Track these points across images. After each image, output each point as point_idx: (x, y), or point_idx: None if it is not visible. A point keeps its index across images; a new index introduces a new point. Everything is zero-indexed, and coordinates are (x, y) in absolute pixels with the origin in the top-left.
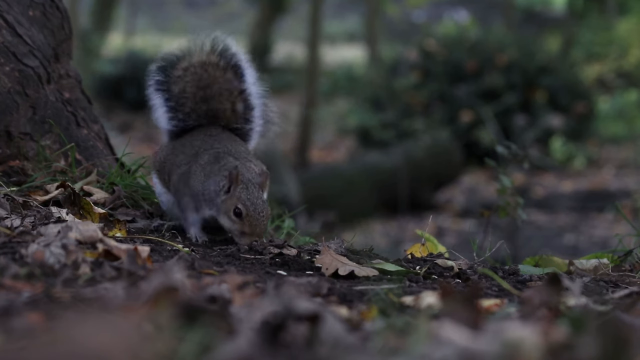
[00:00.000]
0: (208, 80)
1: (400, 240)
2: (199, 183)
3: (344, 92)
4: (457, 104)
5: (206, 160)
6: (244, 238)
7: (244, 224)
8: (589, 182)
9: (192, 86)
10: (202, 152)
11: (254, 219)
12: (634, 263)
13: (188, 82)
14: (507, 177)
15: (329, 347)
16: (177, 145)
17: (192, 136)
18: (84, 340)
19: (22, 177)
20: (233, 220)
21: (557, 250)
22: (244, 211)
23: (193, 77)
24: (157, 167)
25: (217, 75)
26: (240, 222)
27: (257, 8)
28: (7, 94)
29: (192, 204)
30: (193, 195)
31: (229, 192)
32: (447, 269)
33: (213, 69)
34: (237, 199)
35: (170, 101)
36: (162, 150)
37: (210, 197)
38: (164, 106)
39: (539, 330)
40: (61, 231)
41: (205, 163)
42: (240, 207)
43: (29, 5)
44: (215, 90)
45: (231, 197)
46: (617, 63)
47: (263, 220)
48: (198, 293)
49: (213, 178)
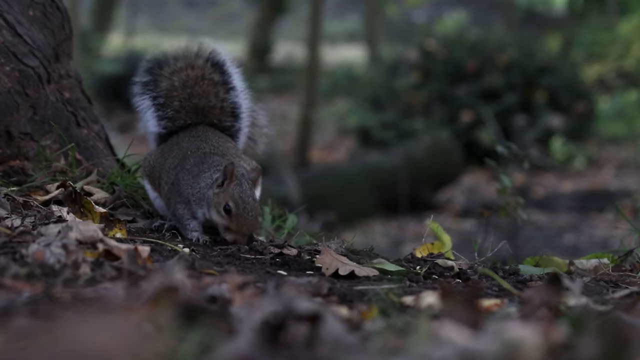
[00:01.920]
0: (194, 80)
1: (400, 240)
2: (188, 187)
3: (344, 92)
4: (457, 104)
5: (192, 163)
6: (229, 234)
7: (231, 221)
8: (589, 182)
9: (179, 84)
10: (188, 155)
11: (242, 217)
12: (634, 263)
13: (175, 80)
14: (507, 177)
15: (329, 347)
16: (165, 149)
17: (178, 137)
18: (84, 340)
19: (22, 177)
20: (222, 216)
21: (557, 250)
22: (233, 209)
23: (179, 76)
24: (147, 172)
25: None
26: (227, 219)
27: (257, 8)
28: (7, 94)
29: (187, 211)
30: (186, 202)
31: (222, 187)
32: (448, 269)
33: (199, 70)
34: (230, 195)
35: (159, 99)
36: (151, 155)
37: (200, 195)
38: (152, 106)
39: (539, 330)
40: (61, 231)
41: (191, 166)
42: (230, 204)
43: (29, 5)
44: (202, 87)
45: (224, 192)
46: (617, 63)
47: (251, 220)
48: (198, 293)
49: (202, 176)
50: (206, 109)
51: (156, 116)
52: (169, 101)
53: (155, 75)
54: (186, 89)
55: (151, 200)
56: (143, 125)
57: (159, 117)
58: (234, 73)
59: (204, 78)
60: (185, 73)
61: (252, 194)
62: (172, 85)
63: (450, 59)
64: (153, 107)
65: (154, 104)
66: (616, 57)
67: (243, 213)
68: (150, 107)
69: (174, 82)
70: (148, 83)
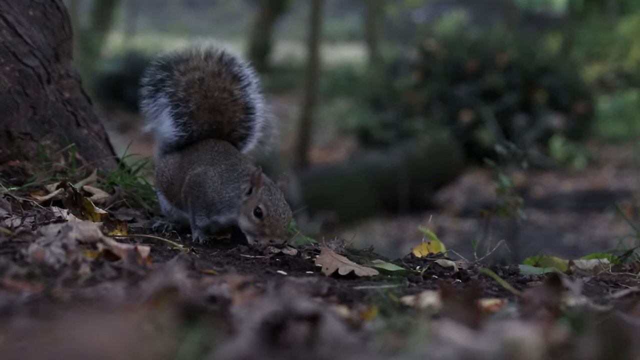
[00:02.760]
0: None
1: (400, 240)
2: (216, 190)
3: (344, 92)
4: (457, 104)
5: (223, 168)
6: (263, 238)
7: (264, 224)
8: (589, 182)
9: (198, 78)
10: (216, 163)
11: (275, 219)
12: (634, 263)
13: (196, 74)
14: (507, 177)
15: (329, 347)
16: (184, 164)
17: (197, 150)
18: (84, 340)
19: (22, 177)
20: (253, 221)
21: (557, 250)
22: (264, 211)
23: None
24: (164, 188)
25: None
26: (260, 223)
27: (257, 8)
28: (7, 94)
29: (205, 208)
30: (207, 200)
31: (250, 194)
32: (448, 269)
33: (215, 66)
34: (259, 199)
35: (177, 94)
36: (167, 169)
37: (230, 202)
38: (169, 104)
39: (539, 330)
40: (61, 231)
41: (223, 170)
42: (261, 207)
43: (29, 5)
44: (218, 84)
45: (252, 198)
46: (617, 63)
47: (284, 222)
48: (198, 293)
49: (231, 185)
50: (222, 107)
51: (174, 114)
52: (188, 97)
53: (172, 71)
54: (203, 85)
55: (164, 212)
56: (154, 129)
57: (177, 116)
58: (247, 69)
59: (220, 74)
60: (201, 70)
61: (281, 198)
62: (192, 79)
63: (450, 59)
64: (170, 105)
65: (171, 101)
66: (616, 57)
67: (275, 214)
68: (167, 106)
69: (195, 76)
70: (164, 80)
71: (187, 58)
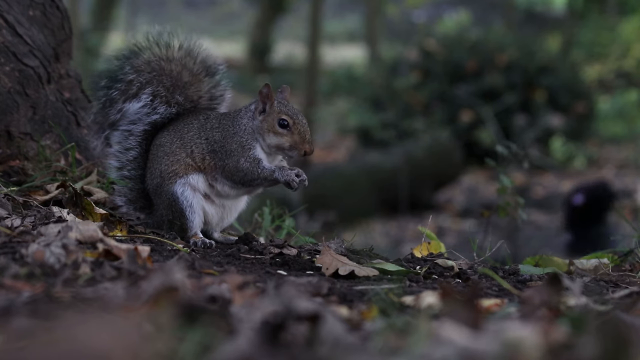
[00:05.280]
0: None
1: (400, 240)
2: (230, 136)
3: (344, 92)
4: (457, 104)
5: (215, 122)
6: (296, 150)
7: (292, 132)
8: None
9: (158, 69)
10: (204, 123)
11: (301, 125)
12: (634, 263)
13: (152, 67)
14: (507, 177)
15: (329, 347)
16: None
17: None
18: (85, 340)
19: (22, 177)
20: (280, 133)
21: (557, 250)
22: (289, 120)
23: (155, 66)
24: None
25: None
26: (288, 134)
27: (257, 8)
28: (7, 93)
29: (249, 157)
30: (240, 150)
31: (265, 111)
32: (448, 269)
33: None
34: (278, 112)
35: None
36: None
37: (249, 133)
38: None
39: (539, 330)
40: (61, 231)
41: (219, 122)
42: (284, 117)
43: (29, 5)
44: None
45: (269, 113)
46: (617, 63)
47: (308, 127)
48: (198, 293)
49: (237, 117)
50: (187, 84)
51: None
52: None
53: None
54: (169, 64)
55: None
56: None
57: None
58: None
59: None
60: (160, 57)
61: (294, 106)
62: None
63: (450, 59)
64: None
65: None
66: (616, 57)
67: (300, 120)
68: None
69: (153, 68)
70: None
71: (143, 51)
